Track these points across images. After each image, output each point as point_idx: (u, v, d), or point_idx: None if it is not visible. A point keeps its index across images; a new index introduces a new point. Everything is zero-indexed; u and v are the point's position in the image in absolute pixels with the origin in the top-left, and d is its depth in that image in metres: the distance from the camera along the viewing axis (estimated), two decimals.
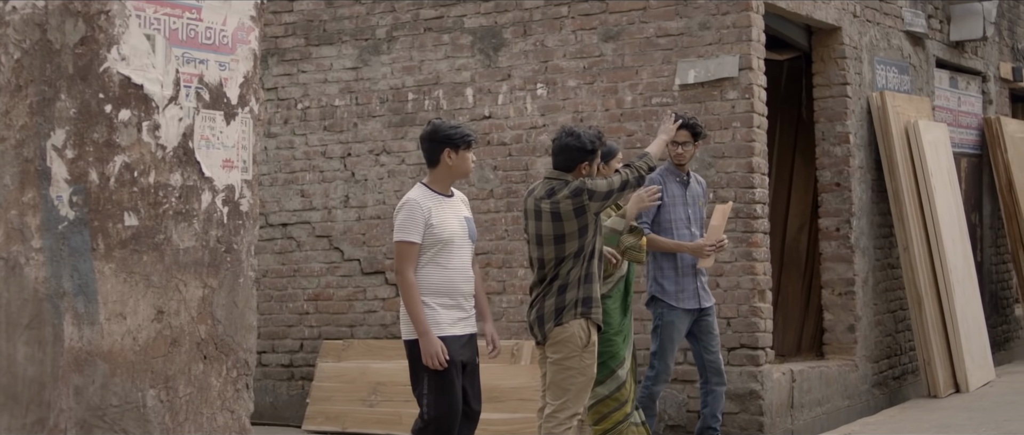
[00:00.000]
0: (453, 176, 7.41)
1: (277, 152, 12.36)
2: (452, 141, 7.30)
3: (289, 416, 12.06)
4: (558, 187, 7.66)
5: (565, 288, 7.60)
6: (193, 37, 6.07)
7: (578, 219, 7.57)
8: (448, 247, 7.24)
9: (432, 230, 7.18)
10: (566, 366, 7.60)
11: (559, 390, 7.62)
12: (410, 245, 7.16)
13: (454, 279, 7.24)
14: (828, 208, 11.91)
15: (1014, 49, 16.36)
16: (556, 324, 7.59)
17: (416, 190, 7.35)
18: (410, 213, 7.18)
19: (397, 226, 7.23)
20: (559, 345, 7.61)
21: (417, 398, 7.19)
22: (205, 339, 6.07)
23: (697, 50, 10.60)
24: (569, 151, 7.72)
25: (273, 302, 12.28)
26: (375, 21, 11.99)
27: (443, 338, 7.12)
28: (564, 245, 7.59)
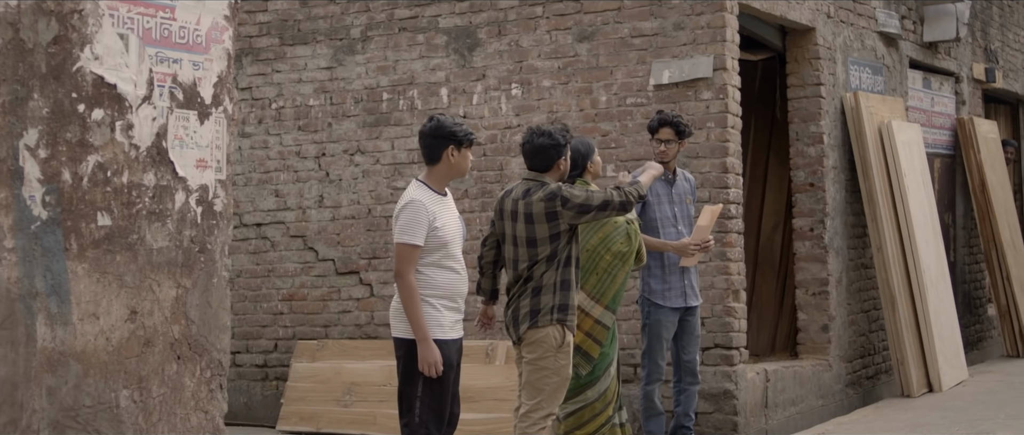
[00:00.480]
0: (452, 175, 7.31)
1: (251, 152, 12.33)
2: (456, 138, 7.19)
3: (263, 416, 12.04)
4: (534, 188, 7.64)
5: (539, 291, 7.58)
6: (167, 36, 6.05)
7: (549, 224, 7.53)
8: (450, 249, 7.16)
9: (437, 233, 7.07)
10: (540, 366, 7.59)
11: (533, 390, 7.61)
12: (413, 248, 7.04)
13: (457, 282, 7.18)
14: (802, 208, 11.94)
15: (987, 50, 16.43)
16: (531, 326, 7.57)
17: (418, 190, 7.18)
18: (415, 215, 7.05)
19: (400, 228, 7.09)
20: (534, 345, 7.61)
21: (408, 398, 7.06)
22: (178, 339, 6.05)
23: (671, 50, 10.61)
24: (544, 151, 7.71)
25: (247, 302, 12.25)
26: (350, 21, 11.98)
27: (444, 341, 7.06)
28: (536, 249, 7.56)
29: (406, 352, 7.08)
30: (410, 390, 7.05)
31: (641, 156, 10.30)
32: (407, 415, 7.05)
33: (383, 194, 11.71)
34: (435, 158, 7.21)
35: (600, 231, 8.39)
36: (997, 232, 15.05)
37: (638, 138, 10.55)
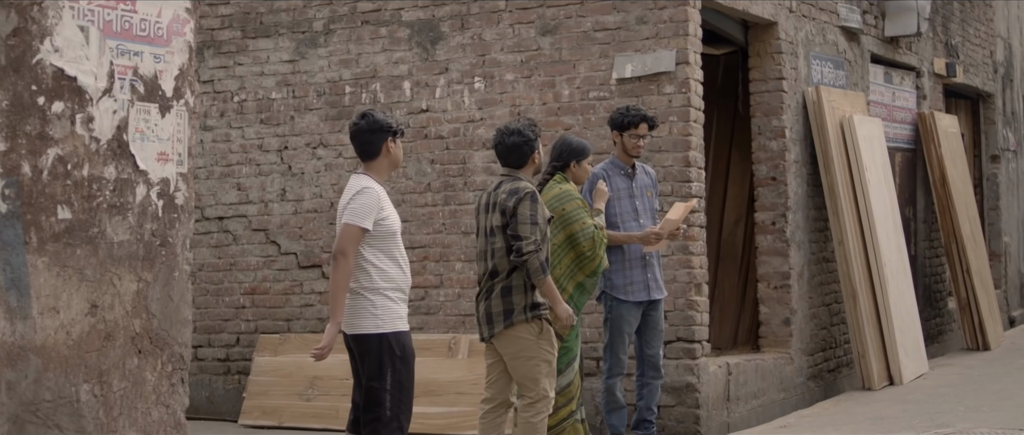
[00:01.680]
0: (393, 166, 7.37)
1: (213, 145, 12.29)
2: (392, 129, 7.23)
3: (225, 411, 12.00)
4: (506, 182, 7.83)
5: (510, 291, 7.69)
6: (127, 29, 6.02)
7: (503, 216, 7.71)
8: (396, 240, 7.19)
9: (384, 222, 7.10)
10: (526, 357, 7.71)
11: (529, 381, 7.74)
12: (362, 231, 7.03)
13: (405, 274, 7.21)
14: (764, 202, 11.97)
15: (948, 45, 16.52)
16: (506, 326, 7.69)
17: (367, 180, 7.20)
18: (370, 200, 7.06)
19: (353, 210, 7.06)
20: (510, 342, 7.72)
21: (376, 393, 7.02)
22: (140, 333, 6.03)
23: (634, 44, 10.63)
24: (518, 149, 7.87)
25: (209, 296, 12.21)
26: (312, 14, 11.95)
27: (405, 332, 7.10)
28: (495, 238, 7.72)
29: (369, 348, 7.06)
30: (379, 385, 7.01)
31: (604, 150, 10.31)
32: (375, 410, 7.01)
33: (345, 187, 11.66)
34: (374, 152, 7.24)
35: (565, 230, 8.42)
36: (957, 226, 15.14)
37: (601, 132, 10.56)
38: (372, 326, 7.05)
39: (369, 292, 7.08)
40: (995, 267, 17.68)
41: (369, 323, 7.07)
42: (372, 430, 7.05)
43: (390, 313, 7.06)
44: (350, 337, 7.17)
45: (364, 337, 7.09)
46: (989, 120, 18.66)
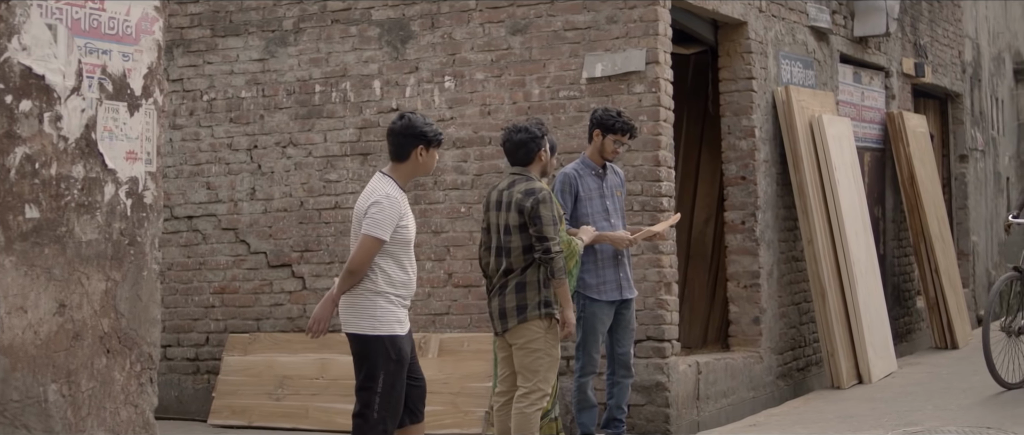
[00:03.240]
0: (418, 173, 7.43)
1: (182, 144, 12.25)
2: (425, 138, 7.27)
3: (194, 410, 11.97)
4: (519, 181, 8.09)
5: (524, 287, 7.97)
6: (96, 27, 6.00)
7: (519, 216, 7.97)
8: (408, 248, 7.25)
9: (403, 231, 7.16)
10: (532, 349, 7.98)
11: (529, 372, 8.00)
12: (379, 242, 7.07)
13: (412, 279, 7.28)
14: (734, 201, 12.00)
15: (916, 45, 16.58)
16: (520, 321, 7.97)
17: (389, 185, 7.21)
18: (391, 211, 7.08)
19: (374, 221, 7.06)
20: (521, 332, 8.00)
21: (366, 393, 7.11)
22: (108, 333, 6.01)
23: (604, 44, 10.64)
24: (525, 146, 8.14)
25: (178, 295, 12.17)
26: (282, 12, 11.92)
27: (402, 336, 7.18)
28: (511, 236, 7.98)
29: (364, 349, 7.16)
30: (370, 386, 7.10)
31: (574, 149, 10.32)
32: (364, 411, 7.11)
33: (315, 187, 11.67)
34: (403, 156, 7.28)
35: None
36: (926, 225, 15.20)
37: (570, 131, 10.57)
38: (370, 327, 7.12)
39: (371, 293, 7.13)
40: (963, 266, 17.77)
41: (367, 324, 7.13)
42: (359, 429, 7.15)
43: (389, 316, 7.13)
44: (347, 335, 7.26)
45: (361, 337, 7.16)
46: (957, 120, 18.75)
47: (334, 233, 11.58)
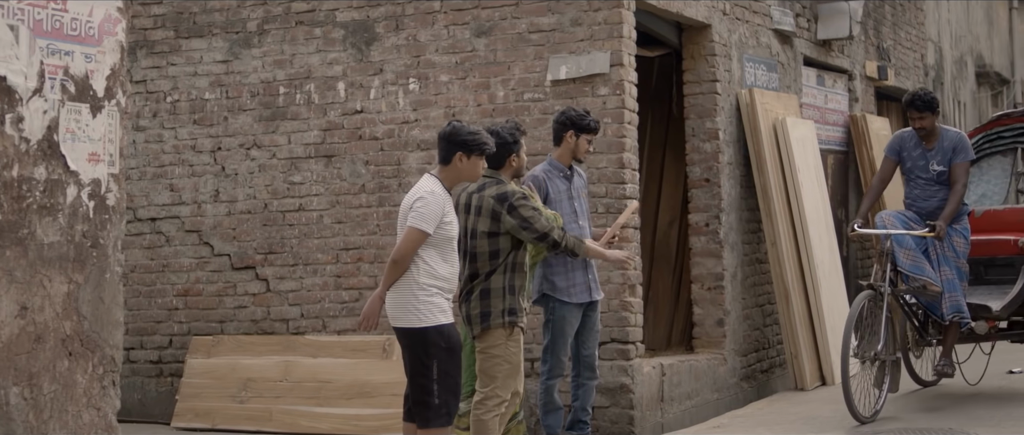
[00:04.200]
0: (461, 178, 7.72)
1: (146, 146, 12.20)
2: (466, 146, 7.61)
3: (158, 413, 11.92)
4: (490, 184, 8.11)
5: (488, 293, 8.01)
6: (58, 28, 5.97)
7: (492, 222, 7.98)
8: (452, 245, 7.55)
9: (446, 226, 7.48)
10: (492, 354, 8.02)
11: (487, 377, 8.04)
12: (423, 235, 7.40)
13: (454, 274, 7.58)
14: (697, 204, 12.03)
15: (879, 48, 16.67)
16: (482, 329, 8.01)
17: (436, 184, 7.58)
18: (435, 206, 7.45)
19: (418, 214, 7.43)
20: (484, 338, 8.04)
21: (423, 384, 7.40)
22: (70, 335, 5.98)
23: (569, 46, 10.65)
24: (497, 149, 8.09)
25: (141, 298, 12.12)
26: (246, 14, 11.89)
27: (450, 324, 7.48)
28: (477, 241, 8.01)
29: (413, 341, 7.44)
30: (425, 375, 7.40)
31: (539, 151, 10.32)
32: (425, 399, 7.42)
33: (279, 188, 11.64)
34: (447, 160, 7.70)
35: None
36: None
37: (535, 134, 10.57)
38: (416, 320, 7.42)
39: (415, 287, 7.44)
40: None
41: (413, 317, 7.43)
42: (423, 418, 7.46)
43: (433, 308, 7.42)
44: (396, 330, 7.56)
45: (408, 330, 7.46)
46: None
47: (298, 235, 11.56)
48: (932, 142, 10.71)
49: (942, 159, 10.65)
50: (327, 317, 11.42)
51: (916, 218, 10.70)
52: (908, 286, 10.50)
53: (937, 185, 10.69)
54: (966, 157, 10.66)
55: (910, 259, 10.39)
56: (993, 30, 26.19)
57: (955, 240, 10.57)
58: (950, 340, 10.76)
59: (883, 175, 11.03)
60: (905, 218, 10.70)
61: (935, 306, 10.62)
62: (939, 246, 10.50)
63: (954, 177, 10.58)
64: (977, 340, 11.23)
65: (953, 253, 10.55)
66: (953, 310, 10.46)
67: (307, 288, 11.52)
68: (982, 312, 10.79)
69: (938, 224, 10.35)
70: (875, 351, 10.16)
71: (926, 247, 10.52)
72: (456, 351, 7.47)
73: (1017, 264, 11.10)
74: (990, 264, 11.31)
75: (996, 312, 10.81)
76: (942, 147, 10.68)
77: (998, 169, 12.21)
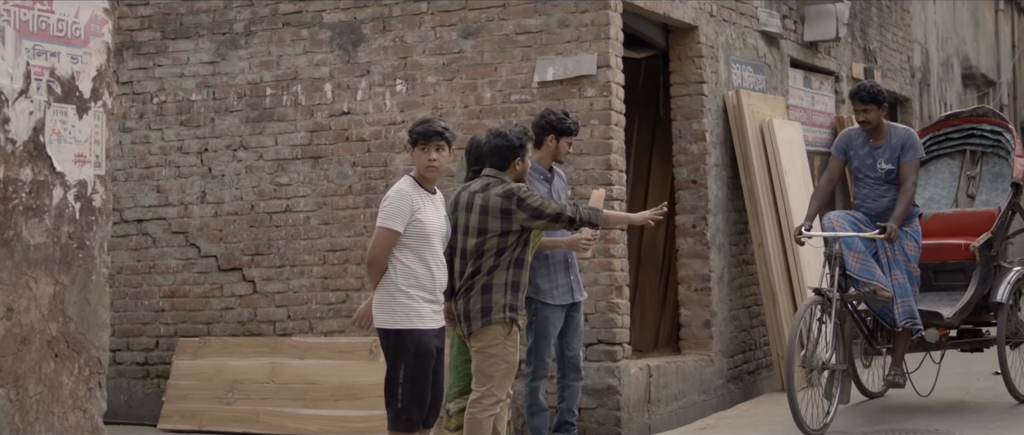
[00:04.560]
0: (420, 170, 7.58)
1: (132, 147, 12.18)
2: (411, 137, 7.60)
3: (144, 415, 11.90)
4: (494, 184, 8.02)
5: (490, 288, 7.92)
6: (44, 29, 5.96)
7: (503, 220, 7.89)
8: (430, 242, 7.45)
9: (418, 224, 7.38)
10: (489, 354, 7.94)
11: (483, 377, 7.96)
12: (391, 233, 7.35)
13: (435, 274, 7.48)
14: (685, 205, 12.04)
15: (866, 50, 16.69)
16: (483, 324, 7.92)
17: (405, 181, 7.53)
18: (398, 203, 7.39)
19: (383, 213, 7.40)
20: (482, 335, 7.95)
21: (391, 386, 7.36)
22: (56, 337, 5.97)
23: (556, 47, 10.66)
24: (501, 151, 8.12)
25: (128, 299, 12.10)
26: (233, 15, 11.87)
27: (423, 330, 7.36)
28: (484, 239, 7.90)
29: (385, 342, 7.41)
30: (393, 378, 7.36)
31: None
32: (391, 401, 7.40)
33: (266, 190, 11.63)
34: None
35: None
36: None
37: None
38: (389, 322, 7.37)
39: (392, 289, 7.39)
40: None
41: (387, 318, 7.38)
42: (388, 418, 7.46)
43: (408, 310, 7.36)
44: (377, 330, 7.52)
45: (383, 331, 7.42)
46: (906, 124, 18.84)
47: (285, 236, 11.55)
48: (880, 139, 10.25)
49: (890, 157, 10.19)
50: (314, 318, 11.41)
51: (865, 220, 10.24)
52: (857, 291, 10.05)
53: (886, 185, 10.22)
54: (915, 154, 10.20)
55: (859, 263, 9.97)
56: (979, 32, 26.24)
57: (906, 243, 10.13)
58: (901, 348, 10.35)
59: (830, 175, 10.53)
60: (854, 220, 10.24)
61: (885, 312, 10.19)
62: (889, 249, 10.05)
63: (903, 175, 10.12)
64: (927, 349, 10.86)
65: (904, 256, 10.11)
66: (905, 316, 10.03)
67: (294, 290, 11.51)
68: (932, 319, 10.39)
69: (889, 225, 9.88)
70: (823, 360, 9.72)
71: (876, 250, 10.08)
72: (425, 358, 7.38)
73: (968, 269, 10.72)
74: (940, 269, 10.89)
75: (947, 319, 10.41)
76: (890, 144, 10.22)
77: (946, 172, 11.79)
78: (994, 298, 10.66)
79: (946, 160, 11.78)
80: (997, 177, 11.46)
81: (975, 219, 11.02)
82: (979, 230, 10.82)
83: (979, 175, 11.63)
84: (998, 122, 11.54)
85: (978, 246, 10.63)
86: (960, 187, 11.66)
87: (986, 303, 10.74)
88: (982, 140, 11.60)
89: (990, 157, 11.57)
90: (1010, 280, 10.76)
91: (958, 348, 11.25)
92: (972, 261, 10.66)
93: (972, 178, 11.67)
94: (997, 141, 11.49)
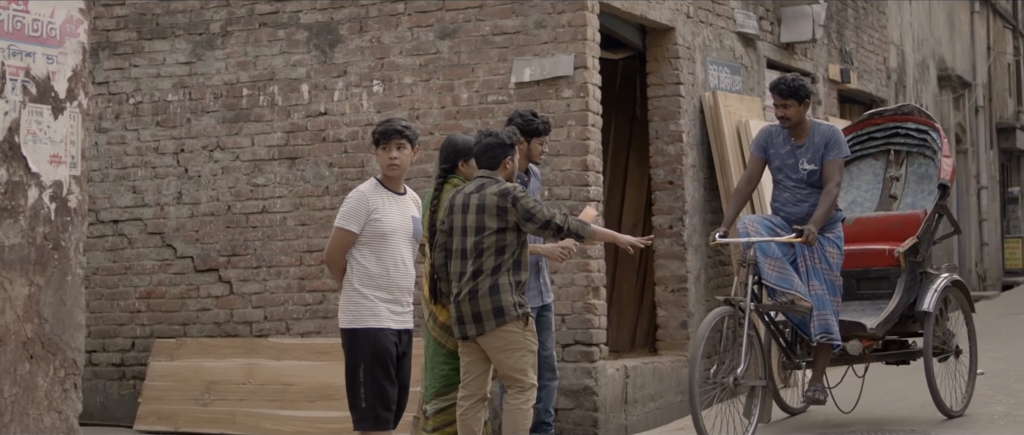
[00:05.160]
0: (383, 170, 7.56)
1: (108, 147, 12.15)
2: (374, 137, 7.55)
3: (120, 416, 11.87)
4: (489, 183, 8.05)
5: (497, 289, 7.94)
6: (19, 29, 5.94)
7: (499, 219, 7.91)
8: (387, 241, 7.40)
9: (376, 223, 7.34)
10: (513, 349, 7.98)
11: (516, 372, 8.00)
12: (346, 233, 7.34)
13: (391, 273, 7.41)
14: (661, 206, 12.06)
15: (842, 51, 16.74)
16: (498, 325, 7.94)
17: (367, 183, 7.54)
18: (354, 204, 7.38)
19: (340, 213, 7.41)
20: (499, 337, 7.97)
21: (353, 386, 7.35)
22: (31, 338, 5.95)
23: (533, 48, 10.66)
24: (492, 149, 8.14)
25: (104, 300, 12.07)
26: (209, 15, 11.85)
27: (379, 329, 7.32)
28: (482, 237, 7.92)
29: (343, 342, 7.40)
30: (353, 378, 7.37)
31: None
32: (354, 401, 7.40)
33: (243, 191, 11.61)
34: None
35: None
36: None
37: None
38: (346, 321, 7.37)
39: (350, 288, 7.38)
40: None
41: (345, 318, 7.38)
42: (353, 419, 7.47)
43: (363, 310, 7.32)
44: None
45: (342, 331, 7.41)
46: None
47: (261, 237, 11.53)
48: (802, 138, 9.43)
49: (813, 157, 9.37)
50: (291, 319, 11.40)
51: (784, 225, 9.44)
52: (774, 301, 9.26)
53: (808, 187, 9.41)
54: (839, 153, 9.36)
55: (776, 270, 9.18)
56: (955, 33, 26.34)
57: (828, 250, 9.32)
58: (821, 363, 9.53)
59: (750, 175, 9.72)
60: (771, 224, 9.44)
61: (805, 324, 9.37)
62: (809, 256, 9.26)
63: (826, 176, 9.31)
64: (850, 362, 10.08)
65: (825, 264, 9.30)
66: (821, 330, 9.26)
67: (270, 290, 11.50)
68: (855, 330, 9.62)
69: (807, 228, 9.04)
70: (735, 376, 8.86)
71: (794, 257, 9.30)
72: (382, 358, 7.36)
73: (893, 277, 9.90)
74: (863, 277, 10.06)
75: (871, 330, 9.62)
76: (813, 143, 9.39)
77: (869, 173, 10.97)
78: (920, 307, 9.88)
79: (869, 161, 11.01)
80: (923, 178, 10.73)
81: (900, 223, 10.22)
82: (904, 234, 10.00)
83: (904, 176, 10.84)
84: (924, 121, 10.78)
85: (903, 252, 9.81)
86: (884, 189, 10.90)
87: (912, 312, 9.94)
88: (907, 139, 10.84)
89: (916, 157, 10.81)
90: (937, 288, 9.98)
91: (883, 361, 10.48)
92: (897, 268, 9.87)
93: (897, 179, 10.87)
94: (923, 140, 10.74)
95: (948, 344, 10.29)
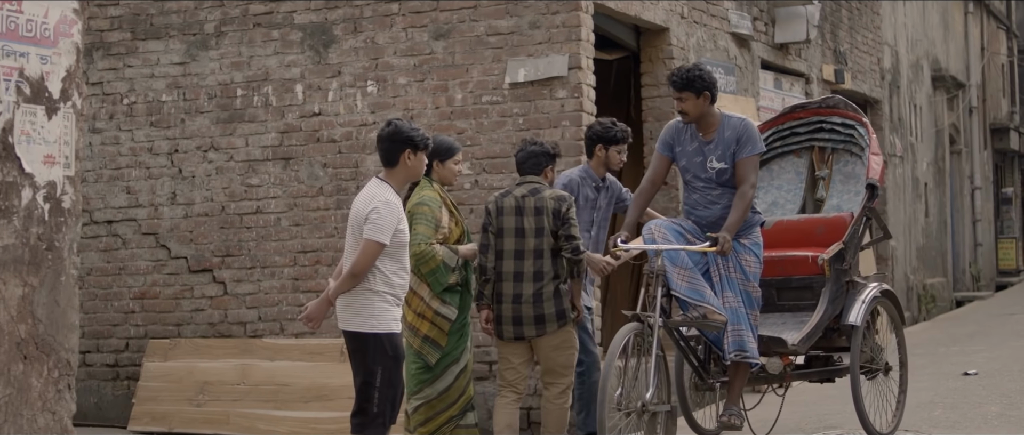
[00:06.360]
0: (409, 178, 7.60)
1: (102, 148, 12.14)
2: (413, 142, 7.44)
3: (114, 417, 11.87)
4: (542, 188, 8.42)
5: (558, 294, 8.35)
6: (13, 29, 5.94)
7: (555, 220, 8.30)
8: (406, 251, 7.44)
9: (400, 234, 7.32)
10: (566, 347, 8.44)
11: (564, 370, 8.46)
12: (381, 246, 7.24)
13: (405, 281, 7.45)
14: (655, 206, 12.03)
15: (836, 52, 16.75)
16: (559, 326, 8.35)
17: (387, 190, 7.36)
18: (390, 216, 7.24)
19: (375, 226, 7.19)
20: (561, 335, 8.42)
21: (367, 388, 7.27)
22: (25, 339, 5.94)
23: (527, 49, 10.67)
24: (537, 157, 8.53)
25: (98, 301, 12.06)
26: (203, 16, 11.84)
27: (399, 334, 7.38)
28: (542, 239, 8.30)
29: (362, 346, 7.32)
30: (369, 382, 7.28)
31: (496, 154, 10.34)
32: (365, 405, 7.31)
33: (237, 191, 11.61)
34: (393, 161, 7.48)
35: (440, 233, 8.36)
36: None
37: (493, 136, 10.59)
38: (368, 326, 7.29)
39: (370, 293, 7.29)
40: (881, 271, 17.95)
41: (366, 322, 7.29)
42: (360, 424, 7.35)
43: (387, 315, 7.30)
44: (345, 333, 7.40)
45: (360, 335, 7.32)
46: (877, 126, 18.93)
47: (256, 238, 11.52)
48: (710, 133, 8.52)
49: (723, 154, 8.45)
50: (285, 320, 11.39)
51: (694, 230, 8.59)
52: (685, 316, 8.37)
53: (719, 188, 8.51)
54: (753, 150, 8.43)
55: (687, 281, 8.27)
56: (948, 34, 26.36)
57: (744, 258, 8.47)
58: (738, 382, 8.62)
59: (653, 176, 8.83)
60: (680, 230, 8.57)
61: (720, 339, 8.45)
62: (723, 265, 8.40)
63: (740, 176, 8.39)
64: (770, 381, 9.26)
65: (741, 274, 8.45)
66: (735, 348, 8.38)
67: (265, 291, 11.49)
68: (775, 346, 8.82)
69: (721, 236, 8.17)
70: (643, 401, 7.99)
71: (707, 266, 8.42)
72: (401, 361, 7.40)
73: (816, 286, 9.07)
74: (784, 287, 9.22)
75: (792, 346, 8.79)
76: (722, 139, 8.48)
77: (791, 172, 10.19)
78: (846, 320, 9.08)
79: (791, 158, 10.20)
80: (849, 178, 9.92)
81: (825, 227, 9.41)
82: (829, 240, 9.19)
83: (829, 175, 10.04)
84: (850, 115, 9.94)
85: (828, 259, 8.97)
86: (807, 190, 10.12)
87: (838, 325, 9.15)
88: (832, 135, 10.02)
89: (841, 155, 10.00)
90: (865, 299, 9.17)
91: (806, 379, 9.70)
92: (821, 276, 9.02)
93: (821, 179, 10.09)
94: (849, 137, 9.93)
95: (877, 360, 9.53)
